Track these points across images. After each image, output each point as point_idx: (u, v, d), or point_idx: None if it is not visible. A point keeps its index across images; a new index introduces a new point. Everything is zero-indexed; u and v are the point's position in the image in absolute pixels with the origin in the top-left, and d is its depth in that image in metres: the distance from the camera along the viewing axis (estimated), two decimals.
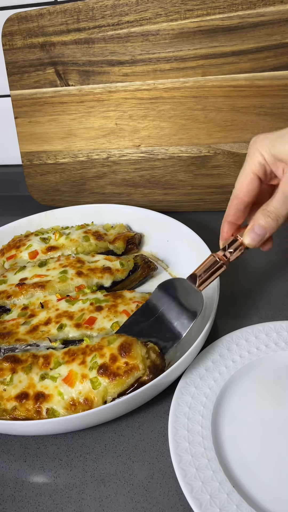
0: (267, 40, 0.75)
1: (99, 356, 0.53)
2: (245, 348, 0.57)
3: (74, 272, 0.69)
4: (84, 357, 0.53)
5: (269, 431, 0.49)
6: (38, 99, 0.89)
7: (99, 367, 0.52)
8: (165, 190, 0.90)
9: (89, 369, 0.52)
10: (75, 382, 0.52)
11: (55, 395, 0.51)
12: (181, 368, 0.52)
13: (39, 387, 0.52)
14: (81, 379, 0.52)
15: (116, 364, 0.52)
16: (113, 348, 0.53)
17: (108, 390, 0.51)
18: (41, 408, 0.51)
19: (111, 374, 0.51)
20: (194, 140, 0.85)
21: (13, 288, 0.69)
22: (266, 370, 0.55)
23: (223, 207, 0.89)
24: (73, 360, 0.53)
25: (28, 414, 0.51)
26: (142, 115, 0.85)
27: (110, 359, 0.52)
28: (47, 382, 0.52)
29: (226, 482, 0.44)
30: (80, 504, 0.46)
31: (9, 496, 0.48)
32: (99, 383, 0.51)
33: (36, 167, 0.96)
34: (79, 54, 0.83)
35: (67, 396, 0.51)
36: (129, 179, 0.91)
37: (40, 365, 0.54)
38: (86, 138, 0.90)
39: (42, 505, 0.46)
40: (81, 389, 0.51)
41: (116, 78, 0.84)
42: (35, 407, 0.51)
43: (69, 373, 0.52)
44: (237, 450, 0.48)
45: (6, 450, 0.52)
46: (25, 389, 0.52)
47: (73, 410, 0.51)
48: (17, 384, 0.53)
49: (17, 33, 0.84)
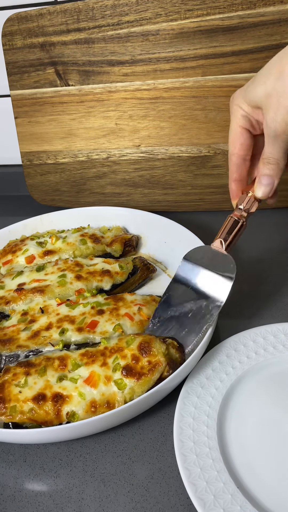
0: (267, 40, 0.75)
1: (120, 358, 0.53)
2: (253, 349, 0.57)
3: (73, 276, 0.69)
4: (104, 358, 0.53)
5: (274, 433, 0.49)
6: (38, 99, 0.89)
7: (123, 368, 0.52)
8: (165, 190, 0.90)
9: (113, 371, 0.52)
10: (99, 383, 0.51)
11: (75, 396, 0.50)
12: (187, 369, 0.53)
13: (56, 388, 0.51)
14: (105, 381, 0.51)
15: (140, 364, 0.52)
16: (133, 349, 0.53)
17: (135, 390, 0.51)
18: (60, 411, 0.50)
19: (136, 374, 0.51)
20: (194, 140, 0.85)
21: (12, 294, 0.68)
22: (272, 372, 0.55)
23: (223, 207, 0.90)
24: (93, 362, 0.53)
25: (47, 417, 0.50)
26: (142, 115, 0.85)
27: (132, 359, 0.52)
28: (65, 383, 0.52)
29: (231, 482, 0.44)
30: (80, 504, 0.46)
31: (9, 496, 0.48)
32: (125, 384, 0.51)
33: (36, 167, 0.96)
34: (79, 54, 0.83)
35: (89, 397, 0.50)
36: (129, 179, 0.91)
37: (56, 367, 0.53)
38: (86, 138, 0.90)
39: (42, 505, 0.46)
40: (105, 391, 0.51)
41: (116, 78, 0.84)
42: (55, 409, 0.50)
43: (91, 374, 0.52)
44: (242, 451, 0.48)
45: (6, 450, 0.52)
46: (42, 390, 0.51)
47: (93, 412, 0.50)
48: (32, 386, 0.52)
49: (17, 33, 0.84)
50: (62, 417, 0.50)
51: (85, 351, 0.55)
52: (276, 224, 0.84)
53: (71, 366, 0.53)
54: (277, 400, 0.52)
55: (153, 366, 0.52)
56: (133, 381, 0.51)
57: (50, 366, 0.53)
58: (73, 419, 0.50)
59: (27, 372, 0.53)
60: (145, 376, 0.51)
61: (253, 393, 0.53)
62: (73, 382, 0.51)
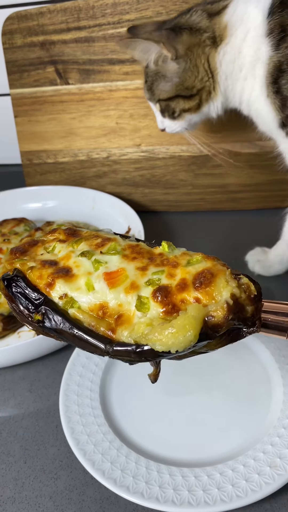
0: None
1: (166, 274, 0.38)
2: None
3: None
4: (148, 263, 0.39)
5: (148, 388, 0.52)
6: (38, 98, 0.89)
7: (158, 288, 0.37)
8: (166, 189, 0.90)
9: (146, 283, 0.38)
10: (119, 285, 0.38)
11: (80, 280, 0.39)
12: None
13: (71, 262, 0.41)
14: (128, 287, 0.38)
15: (183, 295, 0.37)
16: (189, 272, 0.38)
17: (154, 328, 0.36)
18: (53, 284, 0.40)
19: (169, 304, 0.36)
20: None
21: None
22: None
23: (224, 207, 0.89)
24: (133, 259, 0.40)
25: (40, 281, 0.40)
26: (143, 114, 0.85)
27: (178, 284, 0.37)
28: (84, 261, 0.40)
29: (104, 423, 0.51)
30: (81, 506, 0.46)
31: (9, 498, 0.47)
32: (148, 308, 0.37)
33: (36, 166, 0.95)
34: (80, 53, 0.83)
35: (98, 296, 0.38)
36: (129, 178, 0.91)
37: (93, 244, 0.42)
38: (86, 137, 0.90)
39: (42, 507, 0.46)
40: (121, 300, 0.38)
41: (117, 77, 0.83)
42: (51, 277, 0.40)
43: (118, 269, 0.39)
44: (120, 400, 0.55)
45: (6, 452, 0.52)
46: (57, 259, 0.42)
47: (99, 317, 0.38)
48: (56, 254, 0.43)
49: (17, 32, 0.84)
50: (53, 290, 0.40)
51: (136, 244, 0.42)
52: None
53: (106, 249, 0.41)
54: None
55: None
56: (159, 311, 0.37)
57: (88, 240, 0.43)
58: (68, 306, 0.39)
59: (64, 240, 0.44)
60: (176, 315, 0.36)
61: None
62: (93, 265, 0.40)
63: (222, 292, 0.36)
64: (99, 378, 0.56)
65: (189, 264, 0.38)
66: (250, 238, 0.78)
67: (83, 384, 0.55)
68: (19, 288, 0.41)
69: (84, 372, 0.57)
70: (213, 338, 0.36)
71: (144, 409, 0.54)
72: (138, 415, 0.53)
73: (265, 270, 0.71)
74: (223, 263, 0.38)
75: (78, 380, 0.56)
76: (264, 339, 0.58)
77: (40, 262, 0.42)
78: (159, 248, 0.41)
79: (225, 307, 0.35)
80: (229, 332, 0.37)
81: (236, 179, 0.86)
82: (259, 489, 0.43)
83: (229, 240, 0.81)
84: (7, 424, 0.55)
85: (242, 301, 0.37)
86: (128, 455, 0.48)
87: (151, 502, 0.43)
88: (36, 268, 0.41)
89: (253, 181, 0.85)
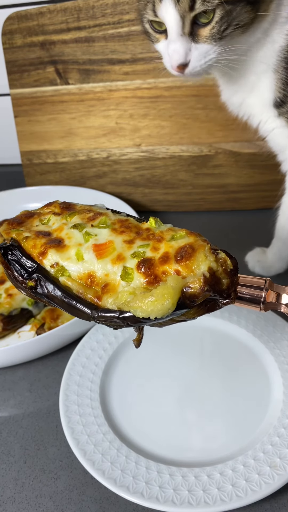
0: None
1: (151, 248, 0.41)
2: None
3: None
4: (135, 237, 0.42)
5: (148, 387, 0.56)
6: (38, 98, 0.89)
7: (142, 260, 0.40)
8: (166, 189, 0.90)
9: (131, 255, 0.40)
10: (107, 256, 0.41)
11: (71, 251, 0.42)
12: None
13: (63, 233, 0.43)
14: (115, 259, 0.41)
15: (164, 267, 0.39)
16: (172, 246, 0.40)
17: (137, 297, 0.38)
18: (46, 253, 0.42)
19: (151, 276, 0.39)
20: (195, 139, 0.84)
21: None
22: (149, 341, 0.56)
23: (224, 207, 0.89)
24: (121, 233, 0.42)
25: (34, 250, 0.43)
26: (143, 114, 0.85)
27: (161, 257, 0.40)
28: (75, 233, 0.43)
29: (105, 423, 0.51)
30: (81, 506, 0.46)
31: (9, 498, 0.47)
32: (132, 278, 0.40)
33: (36, 166, 0.95)
34: (80, 53, 0.83)
35: (87, 265, 0.41)
36: (129, 178, 0.91)
37: (85, 217, 0.44)
38: (86, 137, 0.90)
39: (42, 507, 0.46)
40: (108, 270, 0.40)
41: (117, 77, 0.83)
42: (44, 247, 0.42)
43: (107, 242, 0.42)
44: (120, 401, 0.55)
45: (6, 452, 0.52)
46: (50, 230, 0.44)
47: (87, 286, 0.41)
48: (50, 225, 0.45)
49: (17, 32, 0.84)
50: (46, 258, 0.42)
51: (125, 219, 0.44)
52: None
53: (97, 222, 0.43)
54: (153, 358, 0.59)
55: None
56: (142, 281, 0.39)
57: (81, 214, 0.45)
58: (59, 274, 0.42)
59: (59, 213, 0.46)
60: (157, 285, 0.38)
61: (134, 354, 0.59)
62: (84, 237, 0.42)
63: (200, 266, 0.39)
64: (99, 378, 0.56)
65: (173, 239, 0.41)
66: (250, 238, 0.78)
67: (83, 384, 0.55)
68: (15, 256, 0.43)
69: (84, 372, 0.57)
70: (190, 308, 0.38)
71: (144, 409, 0.53)
72: (138, 415, 0.53)
73: (266, 270, 0.71)
74: (204, 239, 0.41)
75: (78, 380, 0.56)
76: (264, 339, 0.58)
77: (35, 232, 0.44)
78: (147, 223, 0.44)
79: (201, 279, 0.38)
80: (206, 303, 0.39)
81: (236, 179, 0.86)
82: (259, 489, 0.43)
83: (229, 240, 0.81)
84: (7, 424, 0.55)
85: (218, 274, 0.39)
86: (128, 455, 0.48)
87: (151, 502, 0.43)
88: (31, 238, 0.43)
89: (253, 181, 0.85)
